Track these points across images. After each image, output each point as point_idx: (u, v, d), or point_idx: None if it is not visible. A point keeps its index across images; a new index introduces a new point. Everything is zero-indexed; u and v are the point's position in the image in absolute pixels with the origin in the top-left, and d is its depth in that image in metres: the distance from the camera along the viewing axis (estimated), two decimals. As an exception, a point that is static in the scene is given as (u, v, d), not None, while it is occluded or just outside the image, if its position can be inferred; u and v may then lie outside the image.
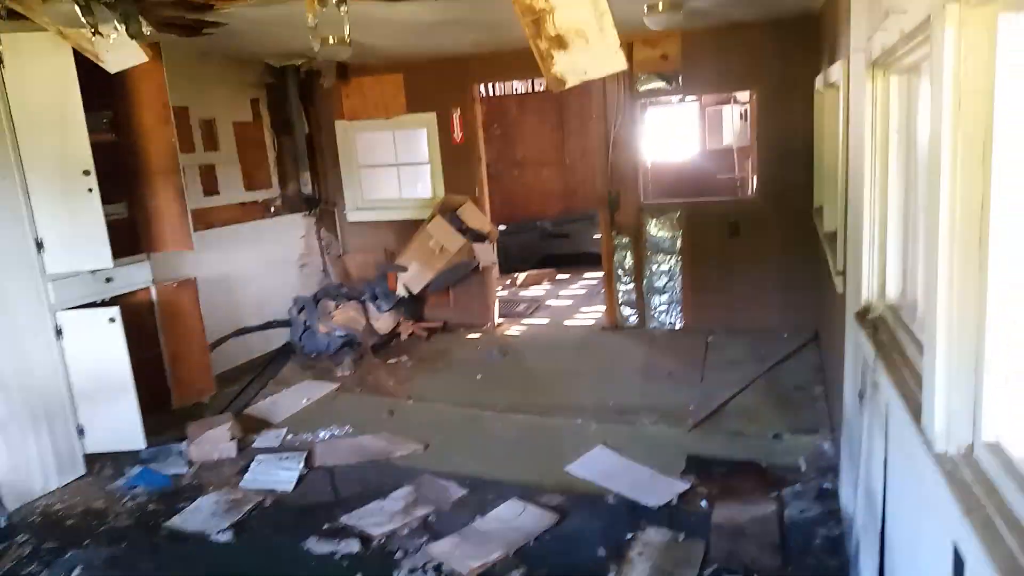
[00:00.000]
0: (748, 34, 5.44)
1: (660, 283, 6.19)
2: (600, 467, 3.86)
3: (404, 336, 6.44)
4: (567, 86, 2.98)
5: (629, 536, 3.16)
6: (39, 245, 3.76)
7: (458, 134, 6.43)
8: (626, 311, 6.36)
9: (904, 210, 2.49)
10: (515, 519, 3.39)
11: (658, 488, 3.57)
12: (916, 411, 1.71)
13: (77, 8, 2.86)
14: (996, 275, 1.38)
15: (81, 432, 4.01)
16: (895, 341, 2.29)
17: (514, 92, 10.09)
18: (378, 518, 3.44)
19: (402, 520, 3.40)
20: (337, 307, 6.19)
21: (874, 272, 2.67)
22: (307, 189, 6.63)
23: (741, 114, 8.95)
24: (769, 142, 5.69)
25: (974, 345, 1.44)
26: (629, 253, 6.22)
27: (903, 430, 1.88)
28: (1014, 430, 1.38)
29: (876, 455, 2.41)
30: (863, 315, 2.69)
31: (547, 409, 4.65)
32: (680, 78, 5.79)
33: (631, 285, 6.28)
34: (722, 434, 4.13)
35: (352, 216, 6.96)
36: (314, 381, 5.47)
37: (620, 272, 6.29)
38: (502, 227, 8.34)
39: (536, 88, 10.03)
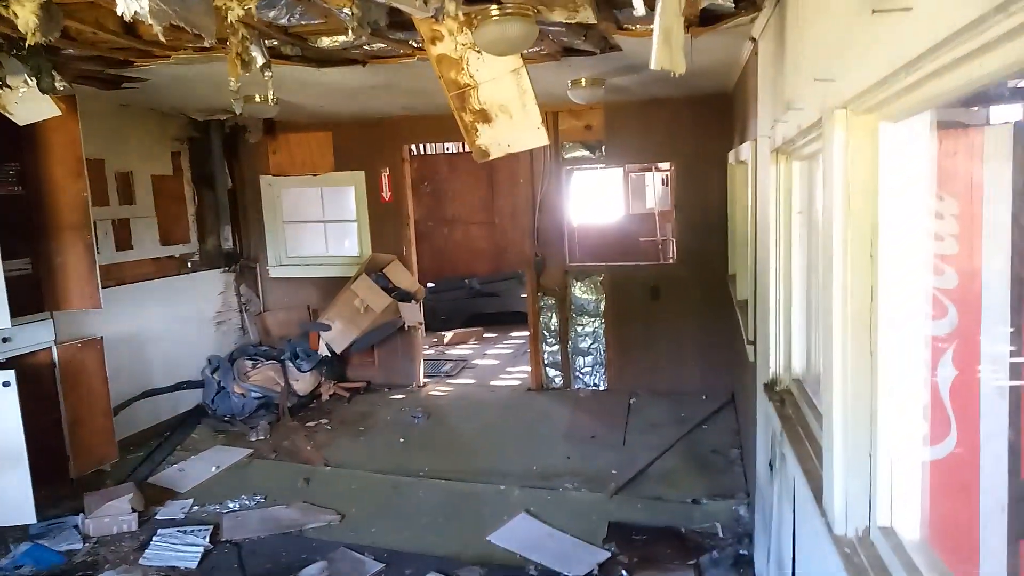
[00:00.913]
0: (668, 109, 5.71)
1: (584, 344, 6.27)
2: (522, 536, 3.81)
3: (325, 397, 6.25)
4: (490, 158, 3.05)
5: (549, 610, 3.10)
6: (-74, 303, 3.51)
7: (387, 193, 6.44)
8: (551, 372, 6.39)
9: (807, 287, 2.62)
10: (432, 595, 3.28)
11: (580, 557, 3.54)
12: (818, 490, 1.77)
13: (-17, 61, 2.76)
14: (886, 363, 1.46)
15: (-39, 507, 3.68)
16: (800, 415, 2.38)
17: (444, 151, 10.24)
18: (288, 597, 3.27)
19: (313, 599, 3.24)
20: (255, 367, 5.97)
21: (780, 345, 2.78)
22: (228, 244, 6.46)
23: (663, 180, 9.33)
24: (688, 210, 5.94)
25: (867, 431, 1.51)
26: (554, 314, 6.30)
27: (807, 507, 1.93)
28: (908, 515, 1.45)
29: (785, 526, 2.47)
30: (771, 387, 2.79)
31: (471, 474, 4.58)
32: (603, 148, 6.01)
33: (556, 346, 6.34)
34: (643, 499, 4.15)
35: (275, 272, 6.81)
36: (226, 447, 5.22)
37: (546, 333, 6.35)
38: (430, 284, 8.32)
39: (467, 148, 10.21)
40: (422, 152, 9.03)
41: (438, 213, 10.05)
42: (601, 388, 6.27)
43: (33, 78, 2.91)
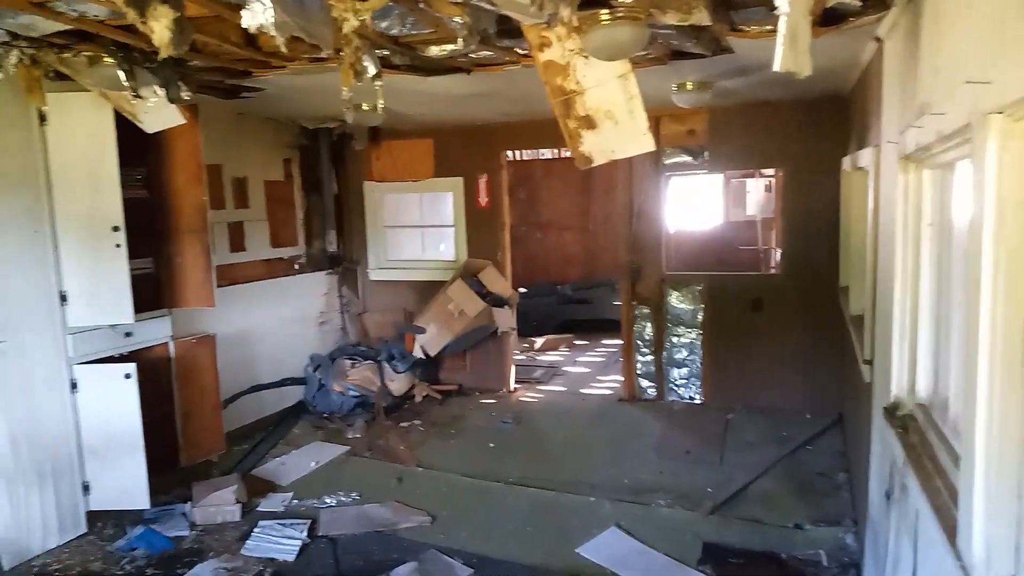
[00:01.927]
0: (776, 112, 5.48)
1: (680, 356, 6.09)
2: (613, 550, 3.72)
3: (418, 398, 6.36)
4: (594, 164, 3.00)
5: (641, 631, 3.00)
6: (63, 298, 3.79)
7: (484, 199, 6.49)
8: (644, 383, 6.25)
9: (937, 306, 2.42)
10: (522, 605, 3.25)
11: (672, 578, 3.42)
12: (950, 529, 1.61)
13: (121, 73, 2.95)
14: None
15: (86, 489, 3.95)
16: (926, 444, 2.19)
17: (540, 157, 10.25)
18: (380, 596, 3.32)
19: (404, 600, 3.27)
20: (353, 366, 6.15)
21: (904, 366, 2.57)
22: (332, 248, 6.70)
23: (766, 186, 8.97)
24: (794, 218, 5.67)
25: (1017, 468, 1.36)
26: (649, 324, 6.15)
27: (935, 547, 1.76)
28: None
29: (904, 562, 2.28)
30: (892, 411, 2.59)
31: (560, 484, 4.52)
32: (706, 153, 5.83)
33: (650, 356, 6.19)
34: (740, 521, 3.97)
35: (374, 275, 7.00)
36: (324, 443, 5.39)
37: (639, 343, 6.21)
38: (522, 289, 8.33)
39: (563, 154, 10.19)
40: (518, 158, 9.06)
41: (531, 218, 10.07)
42: (696, 401, 6.07)
43: (162, 89, 3.10)
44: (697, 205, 9.50)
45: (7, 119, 3.52)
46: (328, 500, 4.35)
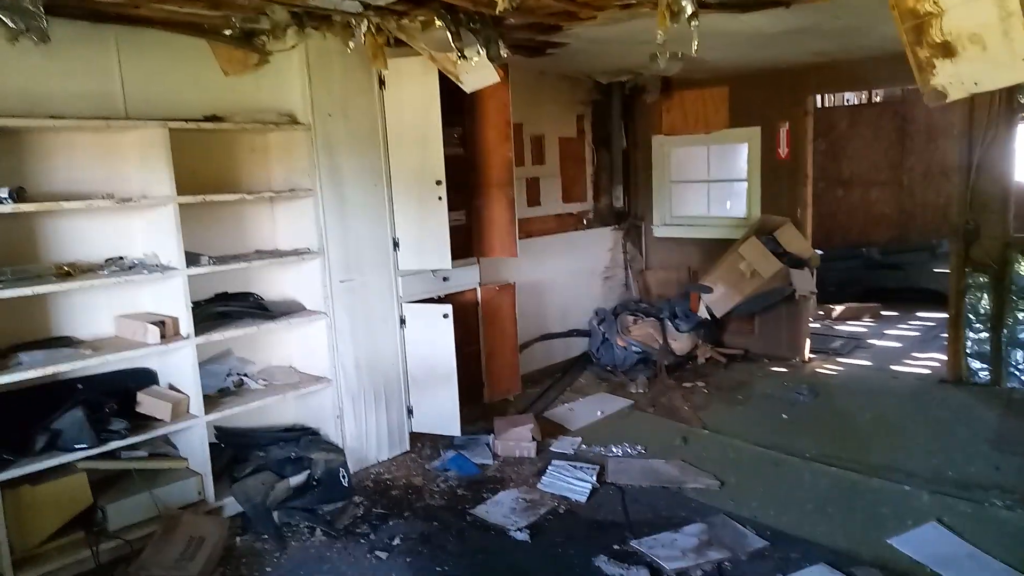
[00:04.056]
0: None
1: (1028, 336, 5.08)
2: (933, 548, 3.26)
3: (701, 360, 6.18)
4: (949, 100, 2.55)
5: (974, 645, 2.59)
6: (395, 244, 4.33)
7: (784, 150, 5.99)
8: (975, 364, 5.33)
9: None
10: (825, 589, 3.00)
11: (1016, 593, 2.89)
12: None
13: (449, 35, 3.20)
14: None
15: (410, 412, 4.52)
16: None
17: (845, 103, 9.20)
18: (669, 551, 3.29)
19: (695, 560, 3.21)
20: (635, 322, 6.17)
21: None
22: (618, 203, 6.74)
23: None
24: None
25: None
26: (987, 295, 5.21)
27: None
28: None
29: None
30: None
31: (867, 467, 4.07)
32: (1085, 86, 4.68)
33: (985, 334, 5.25)
34: (1116, 540, 3.22)
35: (658, 232, 6.90)
36: (608, 394, 5.51)
37: (972, 317, 5.30)
38: (819, 252, 7.61)
39: (873, 99, 9.03)
40: (819, 106, 8.22)
41: (832, 173, 9.12)
42: (1047, 391, 5.04)
43: (483, 48, 3.30)
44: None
45: (358, 84, 4.06)
46: (615, 449, 4.45)
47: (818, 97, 7.61)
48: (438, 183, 4.20)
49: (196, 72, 3.67)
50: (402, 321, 4.40)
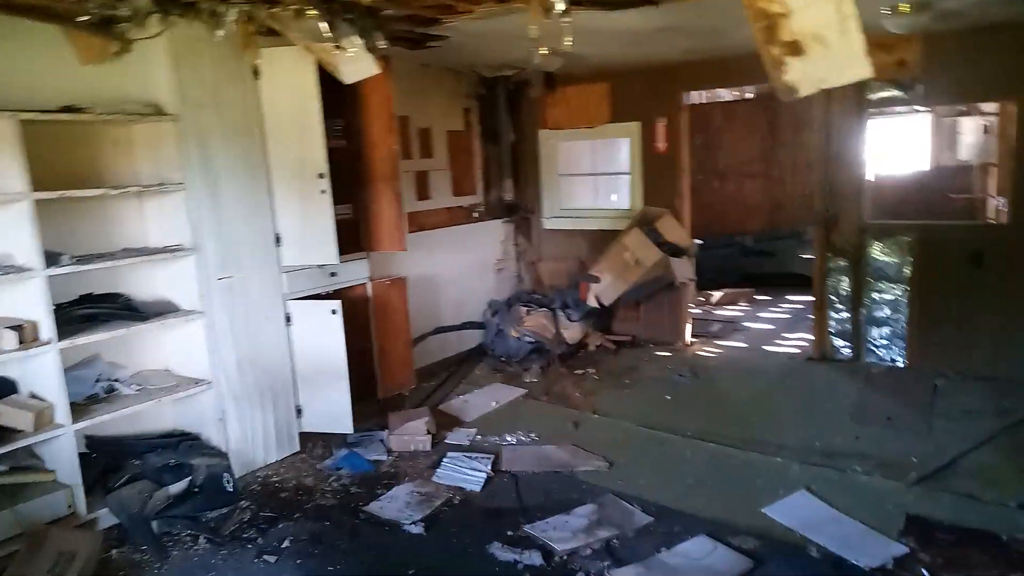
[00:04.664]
0: (1009, 36, 4.70)
1: (881, 314, 5.56)
2: (802, 514, 3.52)
3: (592, 347, 6.38)
4: (799, 95, 2.74)
5: (835, 598, 2.83)
6: (277, 239, 4.20)
7: (662, 144, 6.26)
8: (838, 342, 5.79)
9: None
10: (704, 558, 3.18)
11: (870, 547, 3.17)
12: None
13: (323, 24, 3.13)
14: None
15: (299, 412, 4.41)
16: None
17: (718, 100, 9.70)
18: (561, 533, 3.39)
19: (585, 539, 3.32)
20: (528, 313, 6.28)
21: None
22: (508, 196, 6.83)
23: (985, 127, 7.87)
24: (1029, 159, 4.90)
25: None
26: (846, 278, 5.66)
27: None
28: None
29: None
30: None
31: (742, 441, 4.34)
32: (919, 86, 5.15)
33: (846, 314, 5.71)
34: (951, 495, 3.59)
35: (548, 224, 7.04)
36: (503, 385, 5.59)
37: (833, 298, 5.74)
38: (698, 241, 8.00)
39: (745, 96, 9.55)
40: (694, 102, 8.63)
41: (708, 166, 9.57)
42: (898, 364, 5.54)
43: (360, 39, 3.25)
44: (901, 149, 8.55)
45: (229, 75, 3.90)
46: (509, 438, 4.52)
47: (695, 93, 7.99)
48: (321, 176, 4.11)
49: (54, 61, 3.42)
50: (288, 318, 4.28)
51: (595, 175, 6.96)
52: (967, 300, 5.18)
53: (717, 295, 8.05)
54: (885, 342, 5.59)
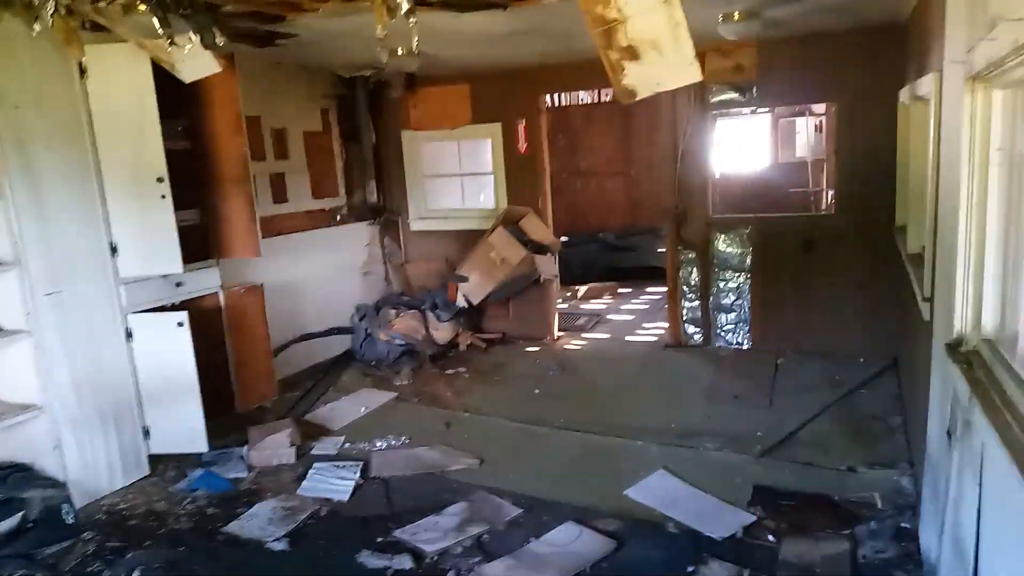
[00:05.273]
0: (829, 44, 5.20)
1: (727, 301, 5.98)
2: (661, 493, 3.72)
3: (463, 347, 6.41)
4: (637, 98, 2.88)
5: (691, 569, 3.01)
6: (113, 249, 3.88)
7: (523, 145, 6.39)
8: (691, 329, 6.17)
9: (1006, 235, 2.28)
10: (571, 544, 3.28)
11: (723, 519, 3.40)
12: (1022, 461, 1.54)
13: (155, 20, 2.93)
14: None
15: (147, 433, 4.11)
16: (993, 379, 2.09)
17: (580, 102, 10.02)
18: (432, 534, 3.39)
19: (455, 538, 3.33)
20: (398, 315, 6.21)
21: (968, 301, 2.45)
22: (372, 198, 6.71)
23: (816, 126, 8.65)
24: (849, 156, 5.44)
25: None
26: (695, 269, 6.04)
27: (1005, 481, 1.69)
28: None
29: (967, 501, 2.21)
30: (954, 347, 2.48)
31: (606, 428, 4.53)
32: (755, 89, 5.59)
33: (696, 302, 6.09)
34: (792, 464, 3.92)
35: (415, 225, 7.00)
36: (373, 390, 5.49)
37: (685, 288, 6.11)
38: (564, 238, 8.24)
39: (603, 98, 9.93)
40: (557, 104, 8.88)
41: (572, 166, 9.91)
42: (744, 347, 5.98)
43: (196, 35, 3.07)
44: (745, 147, 9.22)
45: (54, 73, 3.57)
46: (379, 443, 4.45)
47: (556, 96, 8.22)
48: (160, 180, 3.85)
49: None
50: (129, 334, 3.98)
51: (461, 176, 6.99)
52: (801, 285, 5.68)
53: (583, 290, 8.33)
54: (732, 327, 6.01)
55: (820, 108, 8.23)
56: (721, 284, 5.98)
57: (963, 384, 2.22)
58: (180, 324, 4.01)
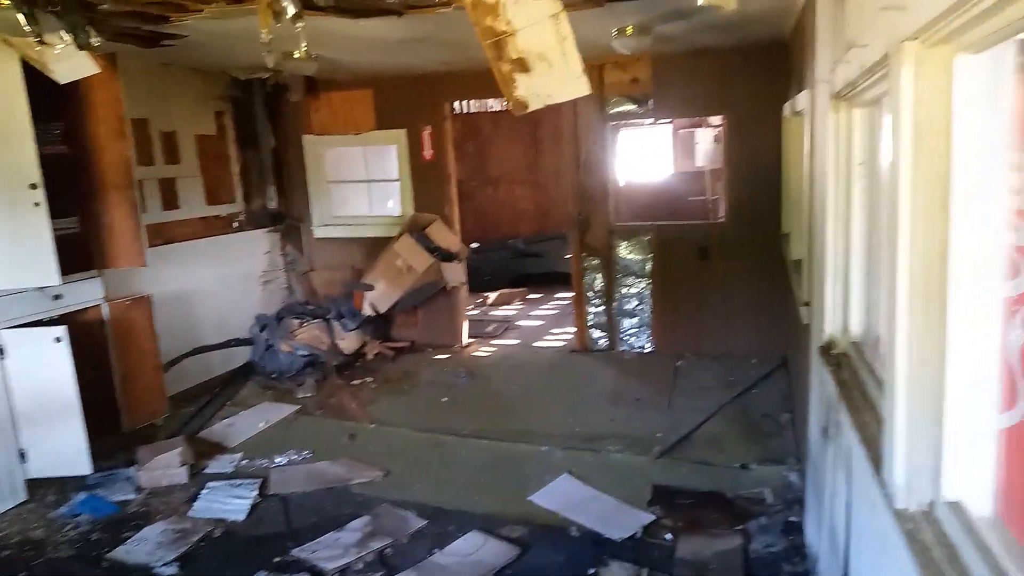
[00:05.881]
0: (719, 60, 5.44)
1: (630, 306, 6.14)
2: (565, 497, 3.77)
3: (370, 356, 6.30)
4: (529, 109, 2.92)
5: (592, 571, 3.07)
6: (-20, 261, 3.61)
7: (428, 151, 6.35)
8: (596, 334, 6.30)
9: (868, 244, 2.45)
10: (475, 553, 3.28)
11: (623, 520, 3.49)
12: (877, 459, 1.65)
13: (20, 16, 2.74)
14: (957, 325, 1.32)
15: (23, 456, 3.83)
16: (857, 380, 2.24)
17: (488, 110, 10.06)
18: (332, 551, 3.31)
19: (357, 553, 3.27)
20: (301, 325, 6.04)
21: (837, 306, 2.63)
22: (273, 204, 6.51)
23: (715, 136, 9.02)
24: (739, 167, 5.70)
25: (934, 398, 1.38)
26: (599, 275, 6.17)
27: (864, 477, 1.82)
28: (977, 488, 1.32)
29: (839, 496, 2.36)
30: (826, 350, 2.64)
31: (513, 435, 4.55)
32: (651, 102, 5.78)
33: (601, 307, 6.23)
34: (688, 463, 4.07)
35: (319, 232, 6.83)
36: (274, 403, 5.32)
37: (590, 294, 6.24)
38: (474, 245, 8.26)
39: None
40: (465, 111, 8.89)
41: (481, 173, 9.93)
42: (647, 350, 6.16)
43: (69, 34, 2.89)
44: (647, 157, 9.49)
45: (-97, 70, 3.28)
46: (279, 459, 4.31)
47: (465, 102, 8.22)
48: (33, 187, 3.60)
49: None
50: (0, 351, 3.69)
51: (368, 182, 6.88)
52: (698, 290, 5.91)
53: (493, 296, 8.36)
54: (635, 331, 6.18)
55: (718, 119, 8.59)
56: (624, 290, 6.14)
57: (833, 385, 2.37)
58: (58, 339, 3.76)
